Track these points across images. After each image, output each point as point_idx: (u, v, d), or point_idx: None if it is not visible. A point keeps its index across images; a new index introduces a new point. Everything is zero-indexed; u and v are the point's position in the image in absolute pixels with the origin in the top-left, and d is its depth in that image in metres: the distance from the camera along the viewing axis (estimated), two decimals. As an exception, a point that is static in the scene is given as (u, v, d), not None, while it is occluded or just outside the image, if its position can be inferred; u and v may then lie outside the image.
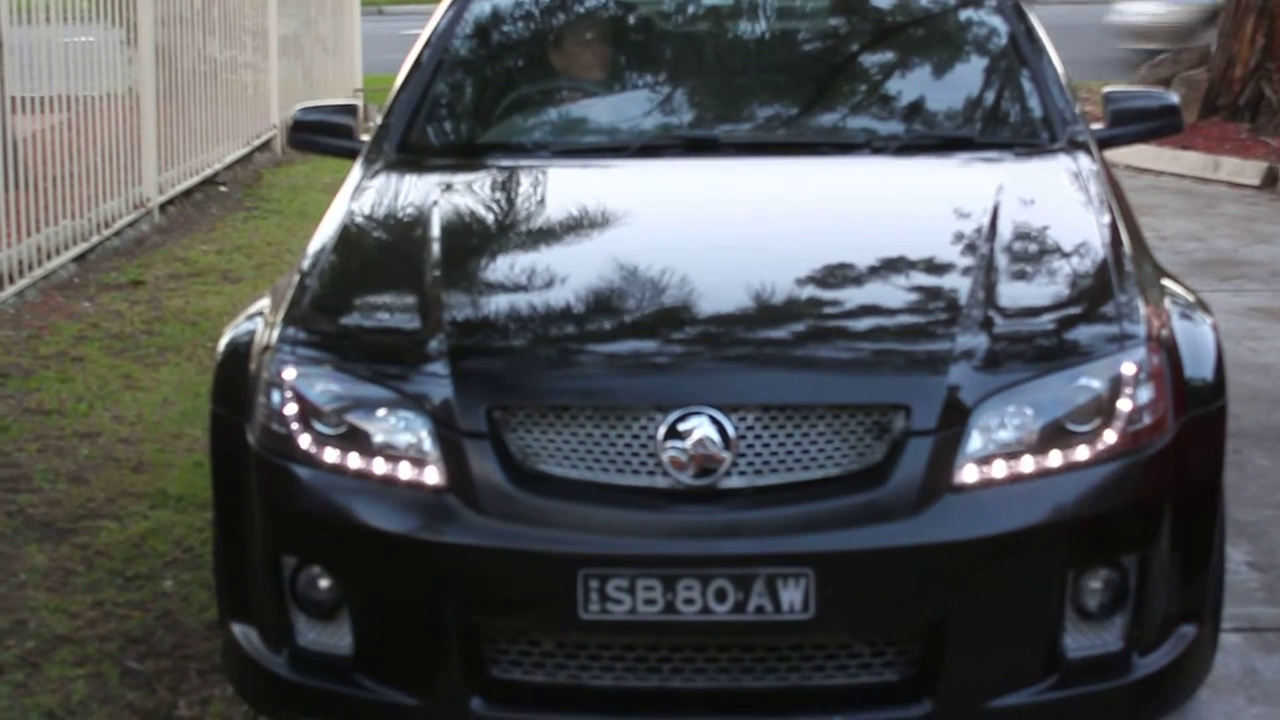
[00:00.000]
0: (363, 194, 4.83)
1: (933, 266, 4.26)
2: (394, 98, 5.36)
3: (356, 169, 5.08)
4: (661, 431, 3.71)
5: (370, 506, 3.84)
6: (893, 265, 4.26)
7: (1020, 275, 4.19)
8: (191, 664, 4.71)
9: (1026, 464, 3.76)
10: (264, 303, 4.50)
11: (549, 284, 4.20)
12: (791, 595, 3.64)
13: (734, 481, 3.72)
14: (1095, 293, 4.15)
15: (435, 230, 4.46)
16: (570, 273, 4.22)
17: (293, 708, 4.03)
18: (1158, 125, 5.40)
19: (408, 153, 5.16)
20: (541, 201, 4.79)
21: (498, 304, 4.15)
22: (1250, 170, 12.73)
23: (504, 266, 4.37)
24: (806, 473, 3.73)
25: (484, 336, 4.01)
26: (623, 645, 3.77)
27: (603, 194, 4.78)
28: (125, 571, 5.35)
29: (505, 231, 4.63)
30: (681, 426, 3.70)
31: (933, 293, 4.13)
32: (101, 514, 5.83)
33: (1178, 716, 4.18)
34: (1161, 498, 3.88)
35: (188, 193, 11.85)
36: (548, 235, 4.53)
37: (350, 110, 5.50)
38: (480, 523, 3.73)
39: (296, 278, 4.35)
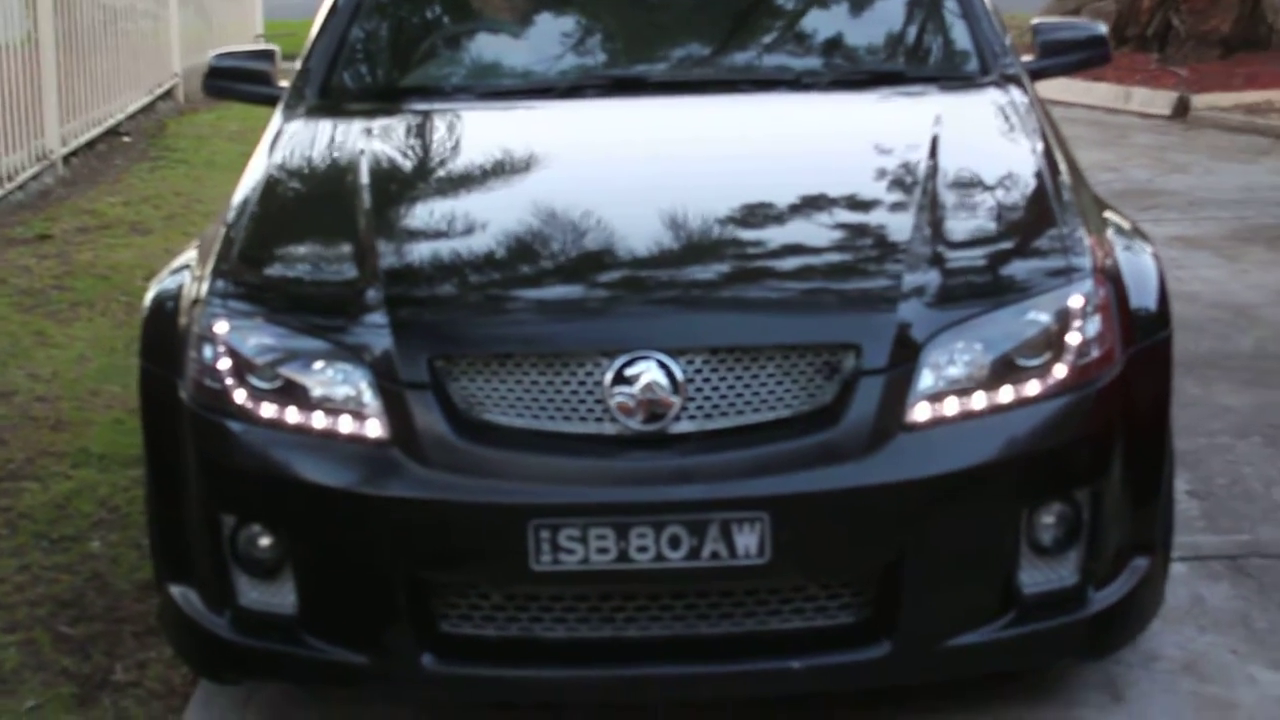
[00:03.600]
0: (285, 141, 4.71)
1: (875, 203, 4.20)
2: (312, 43, 5.23)
3: (277, 116, 4.95)
4: (608, 377, 3.63)
5: (311, 462, 3.74)
6: (834, 202, 4.19)
7: (963, 209, 4.14)
8: (125, 627, 4.60)
9: (978, 400, 3.71)
10: (190, 255, 4.38)
11: (485, 229, 4.11)
12: (746, 540, 3.58)
13: (684, 426, 3.65)
14: (1039, 226, 4.10)
15: (364, 177, 4.35)
16: (506, 217, 4.11)
17: (237, 670, 3.94)
18: (1086, 56, 5.36)
19: (329, 98, 5.04)
20: (471, 145, 4.68)
21: (434, 251, 4.05)
22: (1161, 100, 12.78)
23: (437, 212, 4.26)
24: (757, 415, 3.66)
25: (422, 285, 3.91)
26: (575, 596, 3.70)
27: (533, 136, 4.68)
28: (50, 534, 5.21)
29: (436, 177, 4.53)
30: (628, 371, 3.63)
31: (877, 229, 4.07)
32: (22, 475, 5.69)
33: (1131, 648, 4.17)
34: (1112, 430, 3.85)
35: (91, 144, 11.63)
36: (480, 179, 4.43)
37: (268, 56, 5.37)
38: (425, 475, 3.64)
39: (223, 229, 4.23)
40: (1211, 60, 13.94)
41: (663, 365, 3.63)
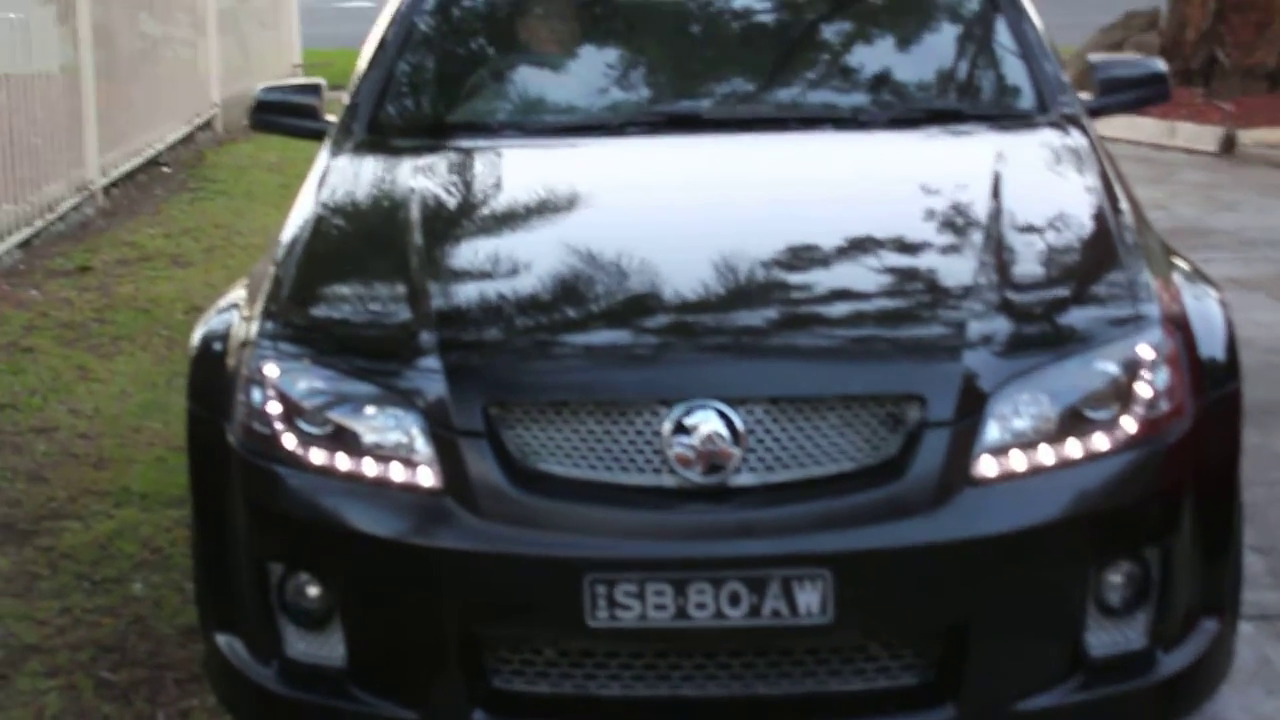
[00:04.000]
0: (334, 178, 4.63)
1: (936, 246, 4.11)
2: (360, 77, 5.16)
3: (324, 152, 4.87)
4: (667, 427, 3.54)
5: (361, 510, 3.66)
6: (894, 245, 4.10)
7: (1026, 254, 4.05)
8: (168, 673, 4.52)
9: (1045, 454, 3.62)
10: (238, 294, 4.30)
11: (539, 272, 4.02)
12: (808, 598, 3.49)
13: (744, 479, 3.56)
14: (1105, 271, 4.01)
15: (416, 215, 4.28)
16: (560, 259, 4.03)
17: (283, 722, 3.85)
18: (1146, 94, 5.27)
19: (377, 134, 4.96)
20: (522, 184, 4.60)
21: (487, 294, 3.97)
22: (1207, 136, 12.65)
23: (490, 254, 4.17)
24: (819, 468, 3.57)
25: (476, 328, 3.83)
26: (631, 653, 3.60)
27: (584, 175, 4.60)
28: (93, 575, 5.14)
29: (487, 216, 4.45)
30: (688, 421, 3.54)
31: (939, 274, 3.97)
32: (64, 514, 5.62)
33: (1196, 712, 4.04)
34: (1182, 486, 3.75)
35: (131, 175, 11.58)
36: (532, 220, 4.35)
37: (314, 90, 5.29)
38: (479, 526, 3.55)
39: (272, 268, 4.16)
40: (1258, 94, 13.81)
41: (722, 415, 3.54)
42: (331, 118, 5.16)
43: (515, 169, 4.73)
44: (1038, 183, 4.45)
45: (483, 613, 3.60)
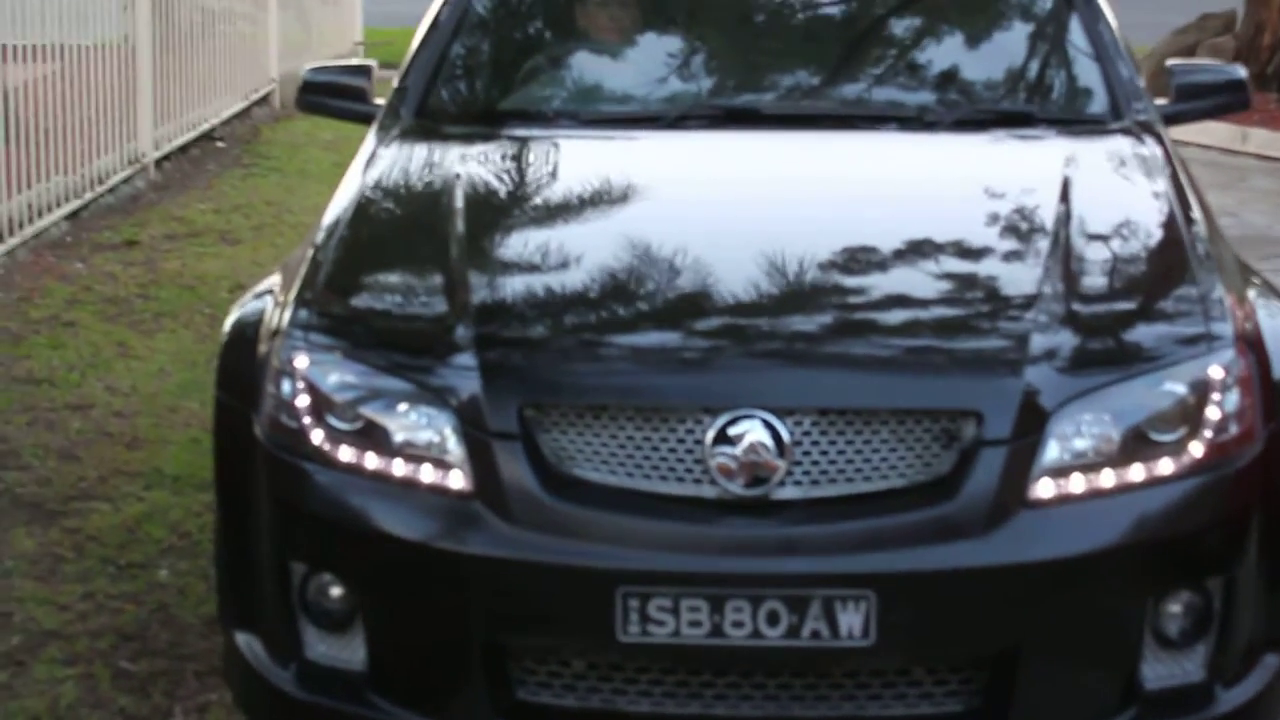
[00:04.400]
0: (379, 163, 4.48)
1: (1000, 255, 3.94)
2: (411, 60, 5.00)
3: (371, 136, 4.73)
4: (710, 436, 3.38)
5: (389, 511, 3.52)
6: (956, 253, 3.93)
7: (1095, 267, 3.87)
8: (188, 665, 4.39)
9: (1106, 478, 3.45)
10: (274, 279, 4.16)
11: (583, 269, 3.86)
12: (850, 620, 3.32)
13: (788, 492, 3.39)
14: (1177, 287, 3.83)
15: (459, 206, 4.13)
16: (606, 257, 3.87)
17: (300, 727, 3.70)
18: (1225, 101, 5.07)
19: (426, 119, 4.81)
20: (572, 177, 4.43)
21: (528, 290, 3.81)
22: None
23: (535, 247, 4.01)
24: (867, 484, 3.40)
25: (515, 325, 3.68)
26: (662, 669, 3.45)
27: (637, 170, 4.43)
28: (118, 559, 5.02)
29: (536, 209, 4.28)
30: (732, 431, 3.38)
31: (1002, 285, 3.80)
32: (93, 495, 5.50)
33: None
34: (1249, 514, 3.56)
35: (184, 148, 11.47)
36: (580, 215, 4.19)
37: (364, 72, 5.14)
38: (509, 533, 3.40)
39: (310, 253, 4.01)
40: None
41: (768, 425, 3.37)
42: (380, 101, 5.01)
43: (566, 161, 4.56)
44: (1108, 191, 4.27)
45: (509, 622, 3.46)
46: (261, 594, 3.69)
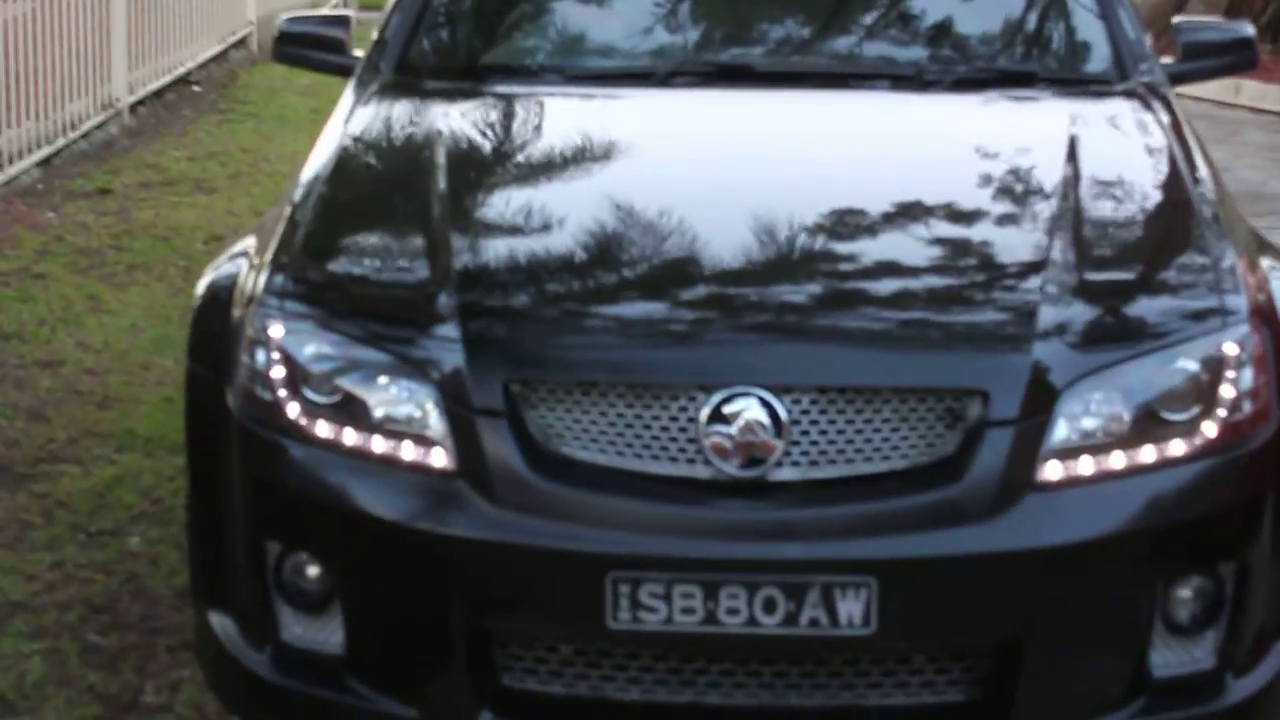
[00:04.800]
0: (358, 120, 4.31)
1: (1006, 225, 3.78)
2: (390, 11, 4.82)
3: (349, 91, 4.55)
4: (704, 414, 3.23)
5: (368, 489, 3.36)
6: (962, 221, 3.78)
7: (1105, 237, 3.72)
8: (160, 639, 4.25)
9: (1117, 459, 3.30)
10: (249, 240, 3.99)
11: (573, 236, 3.69)
12: (850, 607, 3.18)
13: (786, 473, 3.24)
14: (1190, 258, 3.69)
15: (442, 167, 3.96)
16: (596, 224, 3.70)
17: (273, 712, 3.56)
18: (1232, 60, 4.91)
19: (407, 73, 4.63)
20: (559, 137, 4.25)
21: (515, 257, 3.65)
22: (1274, 95, 12.21)
23: (521, 213, 3.84)
24: (868, 465, 3.25)
25: (501, 296, 3.52)
26: (654, 655, 3.30)
27: (630, 130, 4.26)
28: (88, 526, 4.87)
29: (521, 171, 4.11)
30: (727, 409, 3.22)
31: (1009, 255, 3.65)
32: (63, 457, 5.34)
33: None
34: (1264, 496, 3.42)
35: (159, 93, 11.26)
36: (571, 177, 4.02)
37: (342, 22, 4.96)
38: (494, 514, 3.25)
39: (286, 213, 3.84)
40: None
41: (765, 403, 3.22)
42: (360, 52, 4.83)
43: (552, 119, 4.39)
44: (1115, 156, 4.11)
45: (494, 607, 3.31)
46: (235, 573, 3.54)
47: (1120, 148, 4.19)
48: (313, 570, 3.43)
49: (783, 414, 3.22)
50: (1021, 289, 3.50)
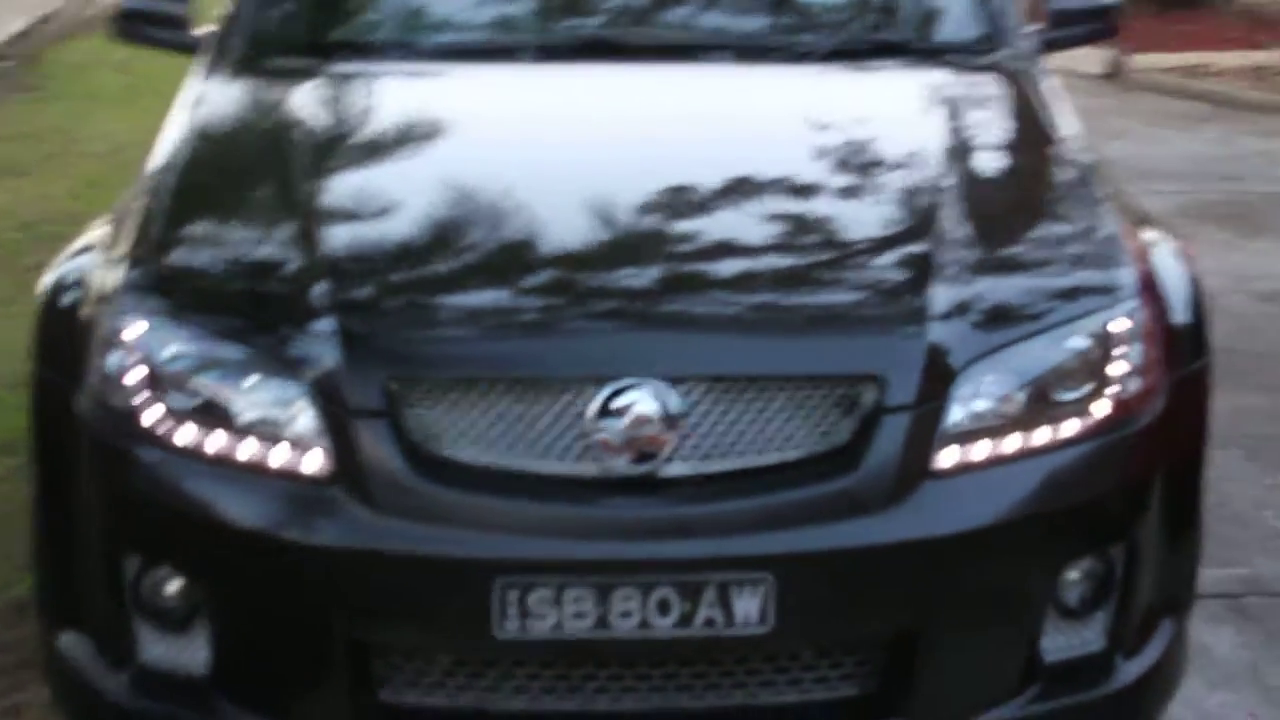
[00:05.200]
0: (210, 102, 4.09)
1: (891, 201, 3.69)
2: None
3: (198, 70, 4.31)
4: (592, 409, 3.08)
5: (234, 499, 3.17)
6: (845, 200, 3.68)
7: (989, 213, 3.62)
8: (-2, 657, 4.00)
9: (1011, 442, 3.22)
10: (96, 234, 3.77)
11: (450, 223, 3.54)
12: (747, 605, 3.06)
13: (677, 468, 3.11)
14: (1077, 235, 3.63)
15: (304, 152, 3.79)
16: (477, 209, 3.55)
17: (132, 737, 3.35)
18: (1097, 27, 4.83)
19: (258, 52, 4.37)
20: (429, 117, 4.05)
21: (387, 247, 3.47)
22: (1094, 58, 12.32)
23: (393, 199, 3.64)
24: (762, 457, 3.13)
25: (376, 289, 3.34)
26: (540, 662, 3.16)
27: (507, 108, 4.08)
28: (-99, 538, 4.57)
29: (390, 154, 3.90)
30: (615, 403, 3.08)
31: (897, 235, 3.55)
32: None
33: None
34: (1153, 474, 3.37)
35: (-39, 71, 10.82)
36: (442, 159, 3.81)
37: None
38: (372, 521, 3.08)
39: (139, 205, 3.63)
40: (1146, 16, 13.50)
41: (655, 396, 3.08)
42: (203, 29, 4.58)
43: (418, 98, 4.18)
44: (992, 130, 4.06)
45: (373, 619, 3.14)
46: (89, 590, 3.34)
47: (996, 120, 4.14)
48: (174, 586, 3.24)
49: (674, 406, 3.09)
50: (910, 272, 3.40)
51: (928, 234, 3.45)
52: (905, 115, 4.05)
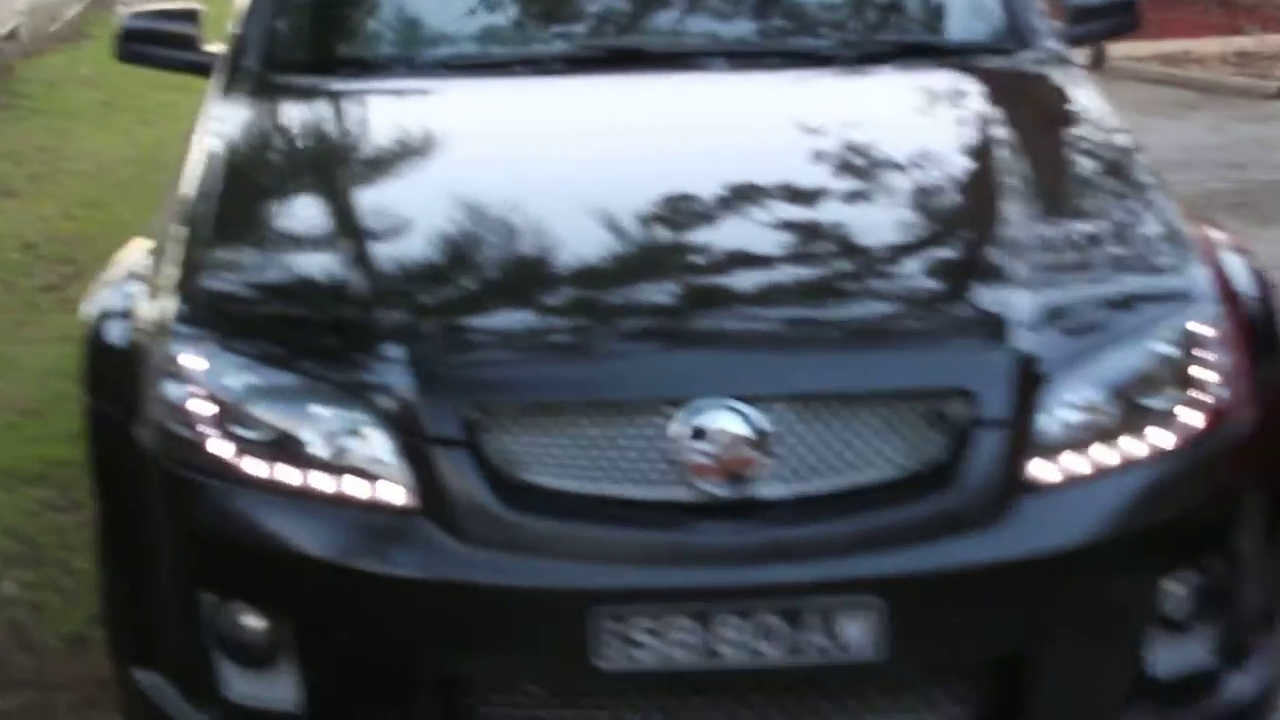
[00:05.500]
0: (235, 122, 3.99)
1: (957, 209, 3.63)
2: (251, 1, 4.46)
3: (214, 90, 4.21)
4: (679, 430, 3.01)
5: (314, 531, 3.10)
6: (917, 209, 3.60)
7: (1056, 216, 3.56)
8: (59, 696, 3.89)
9: (1104, 452, 3.15)
10: (137, 258, 3.68)
11: (513, 241, 3.45)
12: (856, 630, 2.99)
13: (773, 490, 3.04)
14: (1146, 236, 3.57)
15: (344, 170, 3.72)
16: (539, 225, 3.46)
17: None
18: (1118, 23, 4.79)
19: (276, 69, 4.27)
20: (473, 129, 3.98)
21: (454, 268, 3.41)
22: (1078, 51, 12.25)
23: (453, 217, 3.55)
24: (854, 476, 3.06)
25: (446, 312, 3.27)
26: (640, 693, 3.08)
27: (537, 120, 3.99)
28: (-50, 573, 4.48)
29: (439, 169, 3.81)
30: (702, 423, 3.01)
31: (972, 242, 3.49)
32: (-94, 499, 4.92)
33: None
34: (1251, 480, 3.31)
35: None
36: (493, 175, 3.71)
37: (190, 17, 4.55)
38: (460, 551, 3.01)
39: (180, 227, 3.53)
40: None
41: (741, 415, 3.01)
42: (213, 48, 4.48)
43: (457, 111, 4.10)
44: (1042, 129, 3.99)
45: (466, 652, 3.06)
46: (165, 627, 3.25)
47: (1042, 120, 4.08)
48: (254, 621, 3.15)
49: (762, 425, 3.02)
50: (988, 278, 3.34)
51: (998, 240, 3.39)
52: (951, 118, 4.02)
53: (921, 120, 4.03)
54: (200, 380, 3.17)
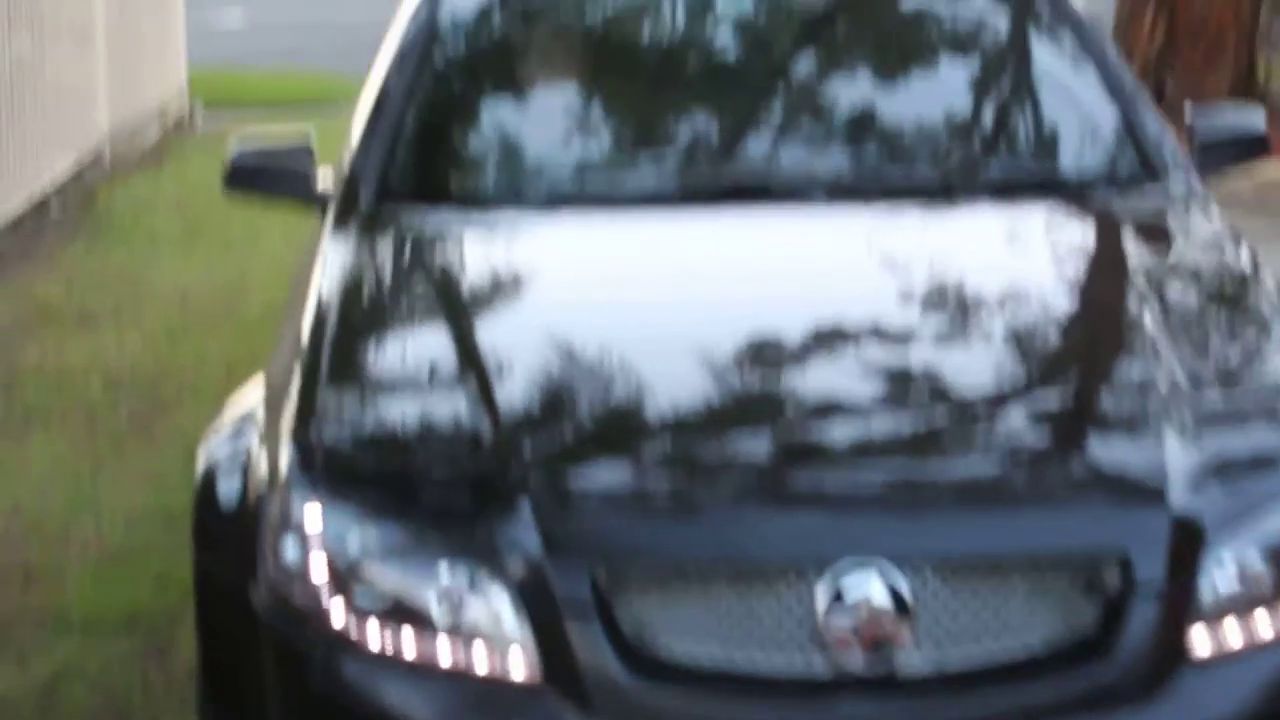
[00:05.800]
0: (348, 261, 3.86)
1: (1105, 355, 3.46)
2: (363, 135, 4.29)
3: (327, 228, 4.07)
4: (820, 597, 2.85)
5: (435, 706, 2.95)
6: (1062, 356, 3.46)
7: (1202, 362, 3.41)
8: None
9: (1266, 620, 2.97)
10: (249, 405, 3.56)
11: (640, 394, 3.31)
12: None
13: (914, 662, 2.88)
14: None
15: (460, 312, 3.59)
16: (665, 374, 3.31)
17: None
18: (1246, 153, 4.58)
19: (389, 204, 4.13)
20: (596, 271, 3.84)
21: (580, 420, 3.27)
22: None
23: (578, 365, 3.42)
24: (1002, 645, 2.89)
25: (572, 469, 3.12)
26: None
27: (650, 258, 3.86)
28: (41, 736, 4.32)
29: (561, 313, 3.61)
30: (847, 589, 2.85)
31: (1120, 393, 3.33)
32: (-8, 650, 4.76)
33: None
34: None
35: (16, 222, 10.60)
36: (618, 319, 3.58)
37: (305, 154, 4.39)
38: None
39: (293, 377, 3.40)
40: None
41: (885, 582, 2.86)
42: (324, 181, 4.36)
43: (579, 251, 3.96)
44: (1180, 268, 3.84)
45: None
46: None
47: (1181, 259, 3.93)
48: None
49: (905, 592, 2.86)
50: (1142, 433, 3.17)
51: (1150, 390, 3.23)
52: (1087, 258, 3.88)
53: (1060, 260, 3.90)
54: (319, 539, 3.04)
